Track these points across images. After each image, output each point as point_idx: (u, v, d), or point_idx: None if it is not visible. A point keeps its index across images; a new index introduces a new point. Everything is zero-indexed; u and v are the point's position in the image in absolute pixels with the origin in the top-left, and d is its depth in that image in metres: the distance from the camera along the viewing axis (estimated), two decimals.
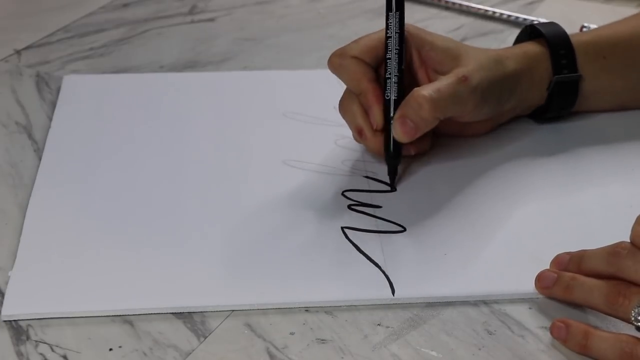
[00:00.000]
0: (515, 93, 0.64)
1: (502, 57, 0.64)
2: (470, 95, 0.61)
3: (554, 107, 0.67)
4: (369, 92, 0.61)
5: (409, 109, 0.59)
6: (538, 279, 0.52)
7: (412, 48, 0.63)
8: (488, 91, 0.62)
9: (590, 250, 0.51)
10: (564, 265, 0.52)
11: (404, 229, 0.57)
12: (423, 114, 0.59)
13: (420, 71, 0.63)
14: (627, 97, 0.69)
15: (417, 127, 0.59)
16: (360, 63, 0.61)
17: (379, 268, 0.54)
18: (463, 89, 0.60)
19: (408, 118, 0.59)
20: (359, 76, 0.61)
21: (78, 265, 0.55)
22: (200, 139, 0.67)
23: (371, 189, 0.61)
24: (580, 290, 0.50)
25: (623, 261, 0.48)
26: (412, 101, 0.59)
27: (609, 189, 0.62)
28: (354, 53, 0.61)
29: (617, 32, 0.67)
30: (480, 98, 0.61)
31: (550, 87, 0.65)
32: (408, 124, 0.59)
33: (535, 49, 0.66)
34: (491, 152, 0.65)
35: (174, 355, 0.50)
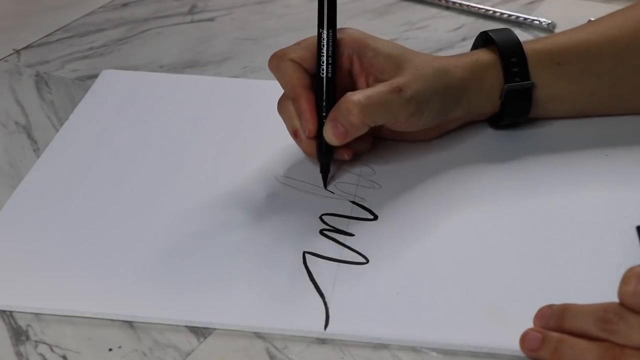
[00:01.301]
0: (460, 103, 0.63)
1: (448, 66, 0.63)
2: (402, 106, 0.60)
3: (508, 115, 0.65)
4: (302, 98, 0.61)
5: (339, 113, 0.59)
6: (523, 340, 0.49)
7: (353, 53, 0.62)
8: (426, 102, 0.61)
9: (574, 306, 0.49)
10: (546, 320, 0.49)
11: (366, 261, 0.56)
12: (351, 119, 0.59)
13: (361, 78, 0.62)
14: (588, 103, 0.67)
15: (347, 131, 0.59)
16: (297, 68, 0.61)
17: (322, 299, 0.53)
18: (395, 99, 0.60)
19: (339, 122, 0.59)
20: (294, 81, 0.61)
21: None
22: (205, 146, 0.67)
23: (352, 215, 0.60)
24: (571, 354, 0.47)
25: (615, 327, 0.46)
26: (342, 106, 0.59)
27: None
28: (292, 56, 0.61)
29: (572, 38, 0.66)
30: (415, 109, 0.61)
31: (502, 96, 0.64)
32: (339, 127, 0.59)
33: (486, 57, 0.65)
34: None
35: (173, 355, 0.50)
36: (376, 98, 0.59)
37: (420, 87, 0.61)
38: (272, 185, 0.63)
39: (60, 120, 0.71)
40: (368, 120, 0.59)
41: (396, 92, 0.60)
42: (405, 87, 0.60)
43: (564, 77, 0.65)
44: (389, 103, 0.60)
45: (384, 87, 0.60)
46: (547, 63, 0.65)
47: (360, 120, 0.59)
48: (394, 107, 0.60)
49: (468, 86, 0.63)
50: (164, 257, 0.56)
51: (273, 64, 0.62)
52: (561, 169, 0.64)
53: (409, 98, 0.60)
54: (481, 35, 0.67)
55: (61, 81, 0.77)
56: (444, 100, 0.62)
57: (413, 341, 0.51)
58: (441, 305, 0.53)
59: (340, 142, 0.60)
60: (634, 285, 0.45)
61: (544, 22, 0.84)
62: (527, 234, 0.58)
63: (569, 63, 0.65)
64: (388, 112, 0.60)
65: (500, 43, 0.65)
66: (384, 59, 0.62)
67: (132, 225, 0.59)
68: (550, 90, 0.65)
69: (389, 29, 0.85)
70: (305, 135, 0.61)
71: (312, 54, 0.61)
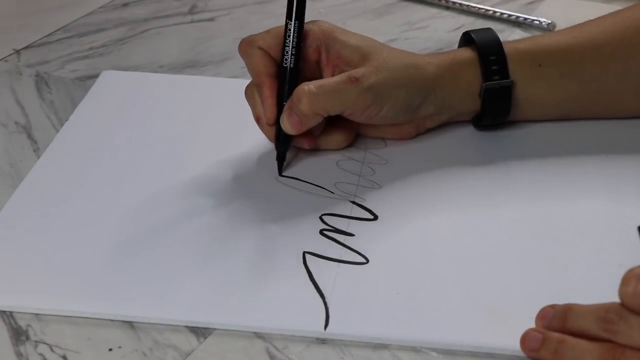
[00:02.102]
0: (430, 98, 0.63)
1: (420, 62, 0.63)
2: (359, 96, 0.60)
3: (488, 115, 0.65)
4: (265, 85, 0.62)
5: (293, 102, 0.60)
6: (523, 340, 0.49)
7: (322, 44, 0.62)
8: (387, 94, 0.61)
9: (576, 306, 0.49)
10: (548, 320, 0.49)
11: (366, 261, 0.56)
12: (302, 107, 0.59)
13: (327, 69, 0.63)
14: (571, 107, 0.66)
15: (302, 121, 0.60)
16: (264, 55, 0.62)
17: (322, 299, 0.53)
18: (350, 89, 0.60)
19: (293, 111, 0.60)
20: (260, 68, 0.62)
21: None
22: (205, 146, 0.67)
23: (352, 215, 0.60)
24: (571, 355, 0.47)
25: (616, 327, 0.46)
26: (295, 95, 0.60)
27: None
28: (260, 44, 0.62)
29: (556, 40, 0.65)
30: (373, 100, 0.61)
31: (482, 94, 0.64)
32: (293, 117, 0.60)
33: (465, 55, 0.64)
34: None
35: (173, 355, 0.50)
36: (328, 87, 0.60)
37: (382, 78, 0.61)
38: (272, 185, 0.63)
39: (60, 120, 0.71)
40: (318, 109, 0.60)
41: (351, 82, 0.60)
42: (363, 78, 0.60)
43: (544, 79, 0.64)
44: (342, 92, 0.60)
45: (339, 78, 0.60)
46: (527, 63, 0.64)
47: (309, 109, 0.59)
48: (347, 96, 0.60)
49: (442, 83, 0.63)
50: (164, 257, 0.56)
51: (242, 49, 0.63)
52: (561, 169, 0.64)
53: (366, 88, 0.60)
54: (464, 35, 0.67)
55: (61, 81, 0.77)
56: (409, 95, 0.62)
57: (413, 341, 0.51)
58: (441, 305, 0.53)
59: (296, 131, 0.61)
60: (633, 286, 0.45)
61: (544, 22, 0.84)
62: (527, 234, 0.58)
63: (550, 65, 0.64)
64: (340, 102, 0.60)
65: (480, 41, 0.64)
66: (350, 51, 0.62)
67: (132, 225, 0.59)
68: (531, 91, 0.65)
69: (389, 29, 0.85)
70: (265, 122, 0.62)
71: (279, 42, 0.62)
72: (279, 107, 0.62)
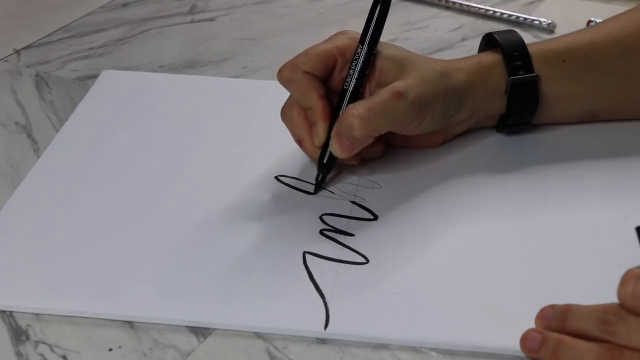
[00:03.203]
0: (464, 105, 0.63)
1: (451, 69, 0.63)
2: (405, 111, 0.60)
3: (515, 114, 0.65)
4: (317, 108, 0.61)
5: (342, 127, 0.59)
6: (523, 340, 0.49)
7: None
8: (428, 105, 0.61)
9: (576, 306, 0.49)
10: (548, 320, 0.49)
11: (366, 261, 0.56)
12: (355, 133, 0.59)
13: None
14: (594, 104, 0.66)
15: (353, 145, 0.59)
16: (311, 78, 0.61)
17: (322, 299, 0.53)
18: (397, 106, 0.59)
19: (343, 136, 0.59)
20: (310, 92, 0.61)
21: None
22: (206, 145, 0.67)
23: (352, 215, 0.60)
24: (570, 355, 0.47)
25: (615, 328, 0.46)
26: (344, 121, 0.59)
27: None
28: (305, 68, 0.61)
29: (576, 38, 0.66)
30: (417, 113, 0.60)
31: (508, 90, 0.64)
32: (344, 141, 0.59)
33: (490, 57, 0.64)
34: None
35: (173, 355, 0.50)
36: (377, 109, 0.59)
37: (422, 90, 0.60)
38: (272, 185, 0.63)
39: (60, 120, 0.71)
40: (372, 131, 0.59)
41: (397, 98, 0.59)
42: (407, 92, 0.60)
43: (569, 75, 0.65)
44: (391, 111, 0.59)
45: (384, 96, 0.59)
46: (551, 60, 0.65)
47: (363, 133, 0.59)
48: (396, 114, 0.60)
49: (471, 88, 0.63)
50: (163, 257, 0.56)
51: (285, 76, 0.61)
52: (561, 169, 0.63)
53: (411, 102, 0.60)
54: (485, 37, 0.67)
55: (61, 81, 0.77)
56: (445, 104, 0.62)
57: (413, 341, 0.51)
58: (441, 305, 0.53)
59: (347, 155, 0.60)
60: (632, 287, 0.45)
61: (544, 22, 0.84)
62: (527, 234, 0.58)
63: (574, 60, 0.65)
64: (390, 121, 0.60)
65: (503, 41, 0.65)
66: (386, 62, 0.61)
67: (132, 225, 0.59)
68: (556, 87, 0.65)
69: (389, 29, 0.84)
70: (310, 144, 0.61)
71: (321, 61, 0.61)
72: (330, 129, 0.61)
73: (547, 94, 0.65)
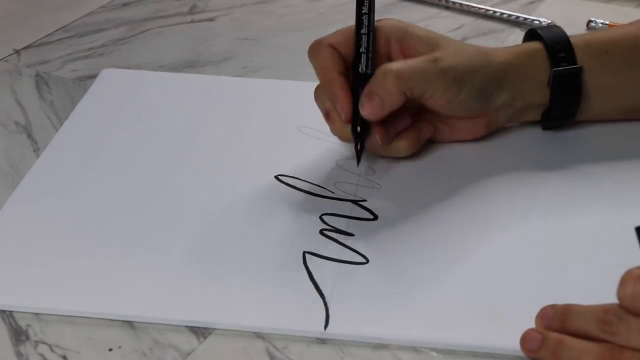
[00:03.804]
0: (504, 85, 0.63)
1: (488, 51, 0.63)
2: (439, 75, 0.60)
3: (558, 107, 0.65)
4: (334, 83, 0.61)
5: (375, 83, 0.59)
6: (523, 340, 0.49)
7: (391, 38, 0.63)
8: (465, 76, 0.61)
9: (576, 306, 0.49)
10: (548, 320, 0.49)
11: (366, 261, 0.56)
12: (388, 86, 0.59)
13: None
14: (638, 98, 0.66)
15: (384, 102, 0.59)
16: (333, 52, 0.61)
17: (322, 299, 0.53)
18: (432, 68, 0.60)
19: (374, 93, 0.59)
20: (329, 65, 0.61)
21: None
22: (206, 145, 0.67)
23: (352, 215, 0.60)
24: (570, 355, 0.47)
25: (615, 328, 0.46)
26: (379, 74, 0.59)
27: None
28: (330, 41, 0.62)
29: (619, 31, 0.66)
30: (452, 81, 0.60)
31: (550, 82, 0.63)
32: (374, 99, 0.59)
33: (532, 46, 0.65)
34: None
35: (173, 355, 0.50)
36: (412, 65, 0.59)
37: (458, 61, 0.61)
38: (272, 185, 0.63)
39: (60, 120, 0.71)
40: (404, 86, 0.59)
41: (433, 62, 0.60)
42: (442, 58, 0.60)
43: (612, 67, 0.64)
44: (426, 71, 0.60)
45: (421, 58, 0.60)
46: (595, 51, 0.64)
47: (396, 86, 0.59)
48: (432, 75, 0.60)
49: (512, 70, 0.63)
50: (163, 257, 0.56)
51: (312, 50, 0.62)
52: (560, 170, 0.63)
53: (446, 68, 0.60)
54: (528, 32, 0.67)
55: (61, 81, 0.77)
56: (485, 79, 0.62)
57: (413, 341, 0.51)
58: (441, 305, 0.52)
59: (376, 117, 0.59)
60: (631, 288, 0.45)
61: (544, 22, 0.84)
62: (527, 234, 0.58)
63: (617, 53, 0.64)
64: (424, 81, 0.60)
65: (546, 34, 0.65)
66: (420, 41, 0.62)
67: (131, 225, 0.59)
68: (599, 80, 0.64)
69: None
70: (338, 118, 0.61)
71: (349, 39, 0.62)
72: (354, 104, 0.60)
73: (590, 86, 0.64)
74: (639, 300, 0.45)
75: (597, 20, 0.83)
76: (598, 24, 0.83)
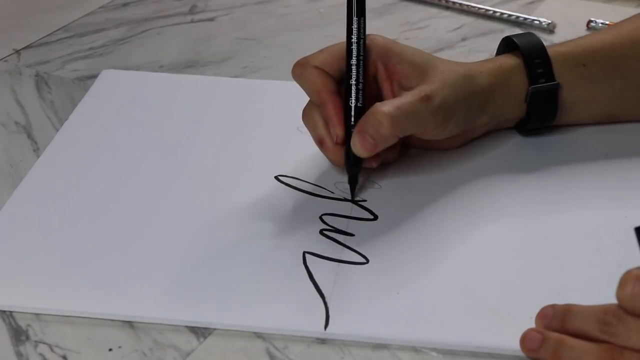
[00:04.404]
0: (486, 108, 0.63)
1: (473, 73, 0.62)
2: (431, 115, 0.59)
3: (534, 119, 0.65)
4: (328, 103, 0.60)
5: (368, 125, 0.58)
6: (523, 340, 0.49)
7: (378, 59, 0.62)
8: (452, 110, 0.60)
9: (576, 307, 0.49)
10: (548, 320, 0.49)
11: (366, 261, 0.56)
12: (382, 130, 0.58)
13: (386, 84, 0.62)
14: (615, 107, 0.66)
15: (376, 143, 0.58)
16: (321, 73, 0.60)
17: (322, 299, 0.53)
18: (424, 108, 0.59)
19: (367, 133, 0.58)
20: (319, 87, 0.60)
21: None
22: (206, 145, 0.67)
23: (352, 215, 0.60)
24: (570, 355, 0.47)
25: (614, 329, 0.46)
26: (371, 117, 0.58)
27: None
28: (316, 63, 0.61)
29: (596, 40, 0.66)
30: (442, 117, 0.60)
31: (528, 98, 0.63)
32: (367, 139, 0.58)
33: (511, 62, 0.64)
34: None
35: (173, 355, 0.50)
36: (405, 109, 0.58)
37: (447, 94, 0.60)
38: (272, 185, 0.63)
39: (60, 120, 0.71)
40: (398, 131, 0.59)
41: (424, 101, 0.59)
42: (433, 95, 0.59)
43: (589, 79, 0.64)
44: (418, 113, 0.59)
45: (412, 97, 0.59)
46: (571, 64, 0.64)
47: (390, 131, 0.58)
48: (423, 116, 0.59)
49: (494, 92, 0.63)
50: (164, 257, 0.56)
51: (297, 71, 0.61)
52: (560, 170, 0.63)
53: (437, 106, 0.59)
54: (504, 40, 0.67)
55: (61, 81, 0.77)
56: (469, 107, 0.62)
57: (413, 341, 0.51)
58: (441, 305, 0.52)
59: (368, 154, 0.59)
60: (631, 288, 0.45)
61: (544, 22, 0.84)
62: (527, 233, 0.58)
63: (593, 64, 0.64)
64: (418, 122, 0.59)
65: (524, 46, 0.64)
66: (407, 65, 0.61)
67: (132, 225, 0.59)
68: (577, 92, 0.64)
69: (389, 29, 0.85)
70: (332, 143, 0.60)
71: (335, 59, 0.61)
72: (347, 127, 0.60)
73: (567, 99, 0.65)
74: (638, 301, 0.45)
75: (597, 20, 0.83)
76: (598, 24, 0.83)
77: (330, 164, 0.63)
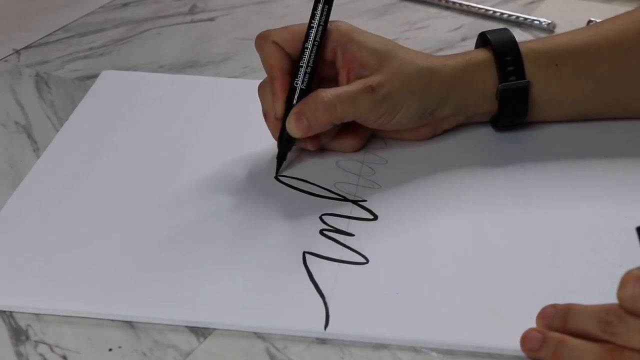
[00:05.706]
0: (447, 102, 0.63)
1: (436, 66, 0.62)
2: (372, 106, 0.60)
3: (505, 116, 0.65)
4: (277, 80, 0.61)
5: (306, 107, 0.60)
6: (523, 340, 0.49)
7: (337, 46, 0.62)
8: (401, 101, 0.61)
9: (577, 306, 0.49)
10: (549, 319, 0.49)
11: (366, 261, 0.56)
12: (318, 115, 0.59)
13: (342, 71, 0.62)
14: (589, 107, 0.66)
15: (310, 125, 0.60)
16: (278, 50, 0.62)
17: (322, 299, 0.53)
18: (366, 99, 0.60)
19: (303, 115, 0.60)
20: (273, 62, 0.62)
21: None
22: (206, 145, 0.67)
23: (352, 215, 0.60)
24: (571, 355, 0.47)
25: (615, 329, 0.46)
26: (311, 101, 0.60)
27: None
28: (275, 38, 0.62)
29: (572, 39, 0.65)
30: (386, 108, 0.60)
31: (498, 95, 0.63)
32: (302, 120, 0.60)
33: (480, 56, 0.64)
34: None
35: (173, 355, 0.50)
36: (345, 97, 0.59)
37: (397, 86, 0.60)
38: (272, 185, 0.63)
39: (60, 120, 0.71)
40: (334, 118, 0.60)
41: (367, 92, 0.60)
42: (379, 87, 0.60)
43: (561, 79, 0.64)
44: (358, 102, 0.60)
45: (356, 87, 0.60)
46: (544, 63, 0.64)
47: (325, 117, 0.59)
48: (362, 106, 0.60)
49: (457, 85, 0.63)
50: (163, 257, 0.56)
51: (257, 43, 0.63)
52: (561, 169, 0.63)
53: (381, 98, 0.60)
54: (480, 36, 0.67)
55: (61, 81, 0.77)
56: (423, 102, 0.62)
57: (413, 341, 0.51)
58: (441, 305, 0.53)
59: (301, 135, 0.60)
60: (631, 289, 0.45)
61: (544, 22, 0.84)
62: (527, 234, 0.58)
63: (566, 65, 0.64)
64: (355, 110, 0.60)
65: (495, 42, 0.64)
66: (367, 53, 0.61)
67: (132, 225, 0.59)
68: (548, 92, 0.64)
69: (389, 29, 0.85)
70: (273, 118, 0.62)
71: (295, 38, 0.62)
72: (289, 105, 0.61)
73: (538, 97, 0.64)
74: (639, 301, 0.45)
75: (597, 20, 0.83)
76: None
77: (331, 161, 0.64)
